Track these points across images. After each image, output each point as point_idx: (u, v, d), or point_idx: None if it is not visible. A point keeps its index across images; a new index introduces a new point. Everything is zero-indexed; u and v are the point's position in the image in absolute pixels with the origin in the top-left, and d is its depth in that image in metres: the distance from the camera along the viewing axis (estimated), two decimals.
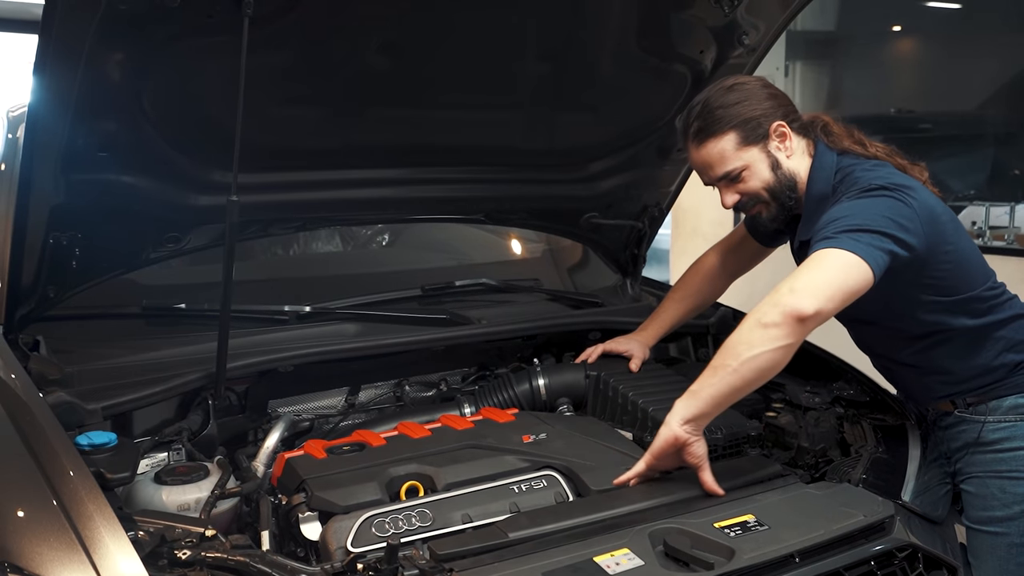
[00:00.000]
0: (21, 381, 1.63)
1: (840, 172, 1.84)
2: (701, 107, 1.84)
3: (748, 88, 1.85)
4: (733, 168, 1.84)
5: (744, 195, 1.87)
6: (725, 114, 1.82)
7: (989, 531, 1.87)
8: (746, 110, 1.82)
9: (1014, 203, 4.17)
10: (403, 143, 2.21)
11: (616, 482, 1.68)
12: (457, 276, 2.57)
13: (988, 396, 1.88)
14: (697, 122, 1.84)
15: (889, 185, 1.74)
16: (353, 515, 1.52)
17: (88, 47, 1.56)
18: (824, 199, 1.83)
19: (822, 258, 1.63)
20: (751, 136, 1.83)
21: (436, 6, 1.86)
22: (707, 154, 1.84)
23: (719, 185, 1.89)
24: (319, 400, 2.14)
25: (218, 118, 1.85)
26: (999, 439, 1.87)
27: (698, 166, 1.89)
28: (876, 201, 1.71)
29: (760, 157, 1.84)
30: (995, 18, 4.55)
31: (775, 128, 1.84)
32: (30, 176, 1.70)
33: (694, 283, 2.31)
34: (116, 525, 1.25)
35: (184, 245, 2.12)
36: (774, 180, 1.85)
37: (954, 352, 1.87)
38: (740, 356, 1.60)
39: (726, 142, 1.82)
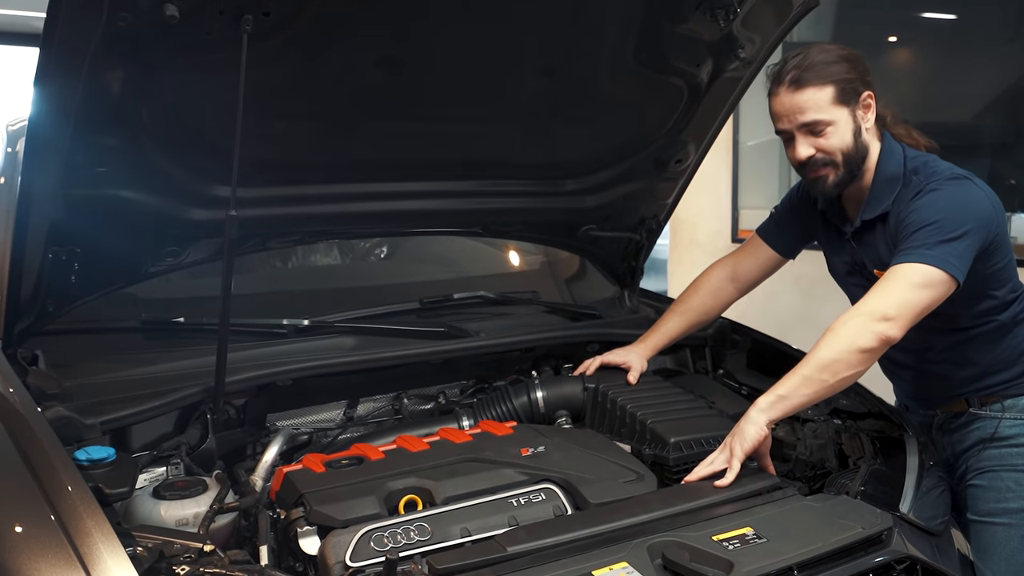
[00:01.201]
0: (20, 396, 1.63)
1: (910, 161, 1.93)
2: (803, 58, 1.88)
3: (849, 53, 1.92)
4: (822, 118, 1.87)
5: (820, 151, 1.90)
6: (827, 70, 1.87)
7: (1002, 523, 1.93)
8: (846, 71, 1.88)
9: (1010, 213, 4.18)
10: (401, 156, 2.22)
11: (699, 475, 1.75)
12: (455, 289, 2.57)
13: (1004, 394, 1.98)
14: (796, 71, 1.87)
15: (968, 176, 1.87)
16: (352, 529, 1.52)
17: (88, 62, 1.57)
18: (895, 179, 1.91)
19: (914, 276, 1.75)
20: (846, 96, 1.88)
21: (434, 21, 1.87)
22: (802, 99, 1.87)
23: (799, 134, 1.90)
24: (317, 414, 2.14)
25: (217, 133, 1.85)
26: (1015, 435, 1.95)
27: (785, 110, 1.90)
28: (965, 194, 1.83)
29: (847, 119, 1.89)
30: (991, 29, 4.58)
31: (865, 97, 1.90)
32: (29, 190, 1.70)
33: (698, 296, 2.30)
34: (114, 541, 1.25)
35: (183, 259, 2.12)
36: (852, 146, 1.90)
37: (986, 346, 1.96)
38: (839, 375, 1.74)
39: (823, 93, 1.86)
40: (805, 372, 1.75)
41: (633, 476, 1.76)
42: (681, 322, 2.29)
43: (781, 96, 1.90)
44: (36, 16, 6.62)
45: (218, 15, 1.62)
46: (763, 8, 2.11)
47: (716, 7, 2.04)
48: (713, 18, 2.06)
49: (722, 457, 1.75)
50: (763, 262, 2.24)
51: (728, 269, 2.29)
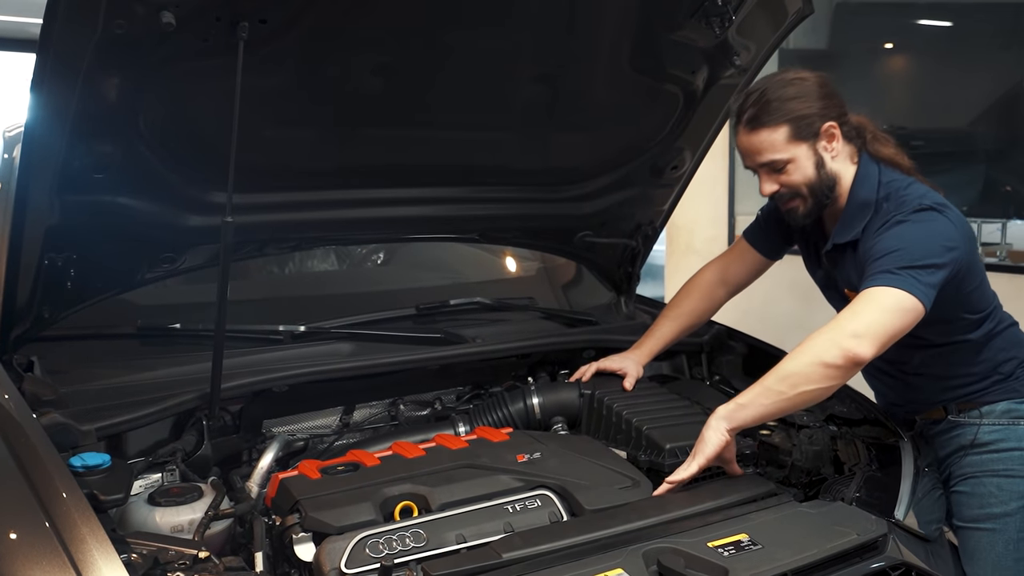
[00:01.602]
0: (15, 402, 1.63)
1: (884, 187, 1.91)
2: (759, 95, 1.88)
3: (807, 84, 1.90)
4: (779, 159, 1.89)
5: (784, 187, 1.92)
6: (781, 107, 1.86)
7: (986, 528, 1.93)
8: (802, 107, 1.87)
9: (1006, 219, 4.20)
10: (398, 163, 2.23)
11: (669, 483, 1.73)
12: (452, 295, 2.58)
13: (980, 401, 1.99)
14: (752, 109, 1.88)
15: (936, 205, 1.84)
16: (347, 536, 1.52)
17: (85, 68, 1.57)
18: (866, 205, 1.91)
19: (884, 299, 1.73)
20: (802, 132, 1.88)
21: (430, 29, 1.88)
22: (757, 141, 1.89)
23: (761, 171, 1.93)
24: (313, 420, 2.14)
25: (213, 139, 1.86)
26: (994, 440, 1.96)
27: (744, 150, 1.93)
28: (929, 226, 1.81)
29: (807, 154, 1.89)
30: (986, 36, 4.60)
31: (826, 128, 1.90)
32: (26, 196, 1.71)
33: (689, 300, 2.32)
34: (109, 548, 1.25)
35: (179, 265, 2.12)
36: (816, 178, 1.91)
37: (962, 360, 1.97)
38: (796, 387, 1.71)
39: (777, 134, 1.87)
40: (767, 383, 1.74)
41: (629, 482, 1.76)
42: (675, 326, 2.30)
43: (740, 136, 1.92)
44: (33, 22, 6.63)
45: (215, 22, 1.62)
46: (758, 16, 2.12)
47: (711, 15, 2.05)
48: (708, 25, 2.08)
49: (685, 466, 1.75)
50: (751, 264, 2.26)
51: (718, 272, 2.30)
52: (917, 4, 4.98)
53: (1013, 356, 2.00)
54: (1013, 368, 1.99)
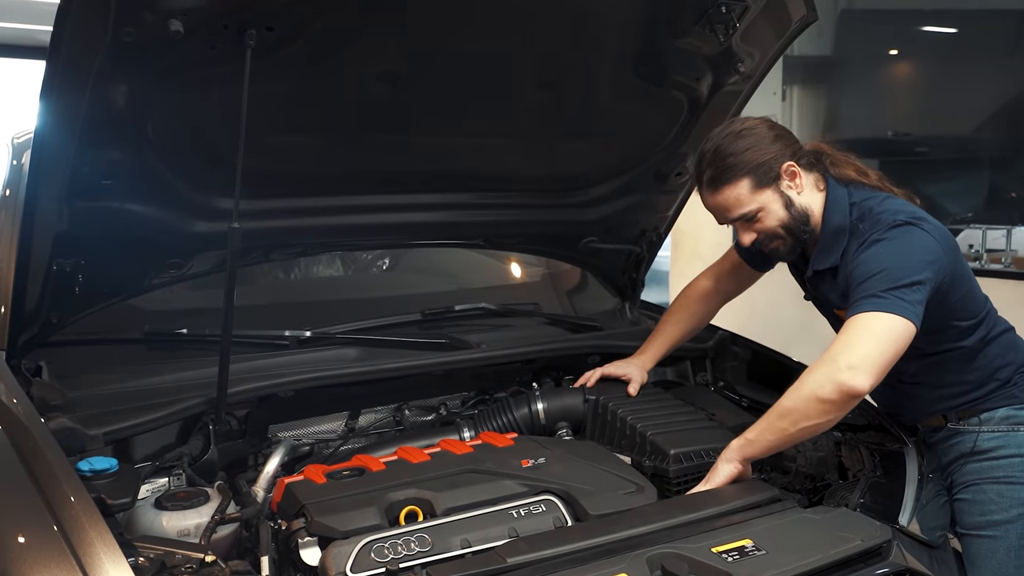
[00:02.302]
0: (23, 407, 1.65)
1: (855, 208, 1.91)
2: (712, 155, 1.89)
3: (756, 133, 1.91)
4: (749, 211, 1.90)
5: (761, 233, 1.94)
6: (737, 161, 1.87)
7: (987, 535, 1.93)
8: (757, 155, 1.88)
9: (1011, 226, 4.18)
10: (403, 169, 2.24)
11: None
12: (457, 300, 2.58)
13: (978, 408, 1.99)
14: (710, 170, 1.89)
15: (912, 219, 1.84)
16: (352, 540, 1.52)
17: (94, 76, 1.59)
18: (841, 231, 1.91)
19: (874, 326, 1.72)
20: (764, 179, 1.89)
21: (436, 36, 1.89)
22: (723, 199, 1.90)
23: (736, 225, 1.95)
24: (319, 425, 2.15)
25: (220, 146, 1.87)
26: (994, 447, 1.96)
27: (713, 210, 1.95)
28: (907, 241, 1.80)
29: (774, 198, 1.90)
30: (991, 42, 4.59)
31: (786, 168, 1.90)
32: (35, 203, 1.72)
33: (689, 306, 2.35)
34: (116, 551, 1.26)
35: (186, 271, 2.14)
36: (788, 217, 1.92)
37: (958, 367, 1.97)
38: (797, 424, 1.74)
39: (740, 188, 1.88)
40: (770, 419, 1.78)
41: (633, 488, 1.76)
42: (675, 332, 2.33)
43: (705, 198, 1.94)
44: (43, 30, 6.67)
45: (222, 30, 1.64)
46: (762, 23, 2.12)
47: (715, 22, 2.06)
48: (712, 32, 2.08)
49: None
50: (740, 274, 2.31)
51: (711, 281, 2.35)
52: (922, 11, 4.98)
53: (1010, 362, 1.99)
54: (1011, 374, 1.99)
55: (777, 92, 5.15)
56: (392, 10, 1.79)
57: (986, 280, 2.06)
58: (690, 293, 2.36)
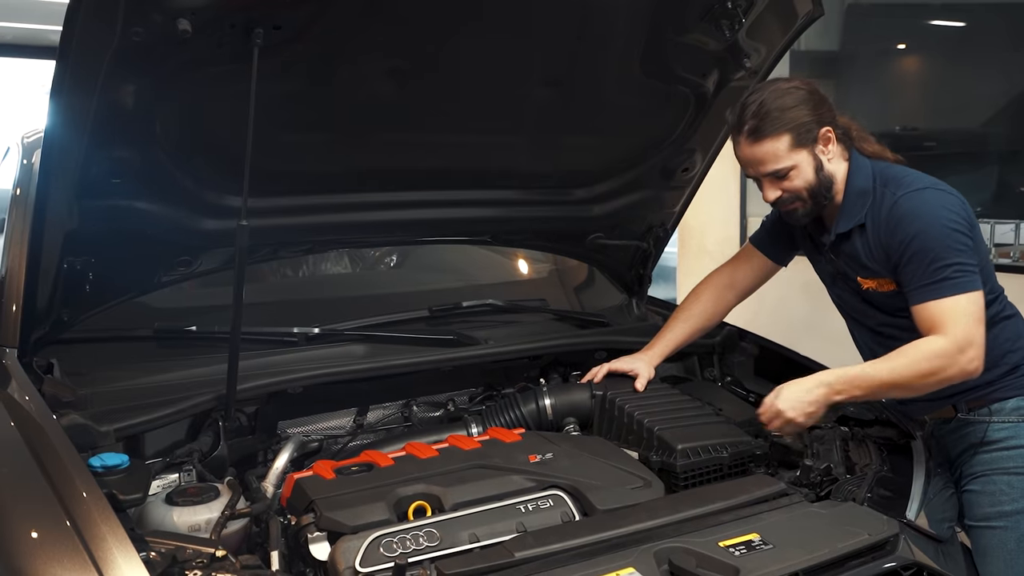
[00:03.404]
0: (35, 404, 1.66)
1: (878, 175, 1.98)
2: (758, 107, 1.92)
3: (801, 93, 1.95)
4: (783, 167, 1.94)
5: (786, 192, 1.97)
6: (782, 117, 1.91)
7: (998, 526, 1.95)
8: (800, 115, 1.92)
9: (1019, 220, 4.17)
10: (410, 166, 2.24)
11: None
12: (464, 297, 2.59)
13: (989, 399, 2.00)
14: (753, 121, 1.92)
15: (935, 183, 1.94)
16: (361, 535, 1.53)
17: (103, 75, 1.60)
18: (864, 193, 1.98)
19: (967, 308, 1.85)
20: (802, 139, 1.93)
21: (443, 33, 1.90)
22: (761, 151, 1.93)
23: (764, 180, 1.98)
24: (328, 421, 2.16)
25: (229, 144, 1.87)
26: (1004, 437, 1.99)
27: (747, 160, 1.98)
28: (940, 201, 1.90)
29: (807, 159, 1.95)
30: (999, 36, 4.57)
31: (823, 133, 1.95)
32: (45, 201, 1.73)
33: (699, 303, 2.33)
34: (128, 546, 1.27)
35: (195, 268, 2.15)
36: (816, 181, 1.96)
37: None
38: (897, 394, 1.94)
39: (780, 143, 1.92)
40: (873, 384, 1.89)
41: (640, 483, 1.77)
42: (686, 328, 2.32)
43: (742, 146, 1.96)
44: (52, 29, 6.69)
45: (230, 29, 1.64)
46: (768, 18, 2.12)
47: (721, 17, 2.06)
48: (719, 28, 2.08)
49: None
50: (758, 269, 2.30)
51: (726, 276, 2.33)
52: (929, 5, 4.96)
53: (1019, 348, 2.02)
54: (1019, 360, 2.02)
55: None
56: (399, 8, 1.80)
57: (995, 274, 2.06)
58: (702, 290, 2.35)
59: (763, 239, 2.29)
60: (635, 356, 2.27)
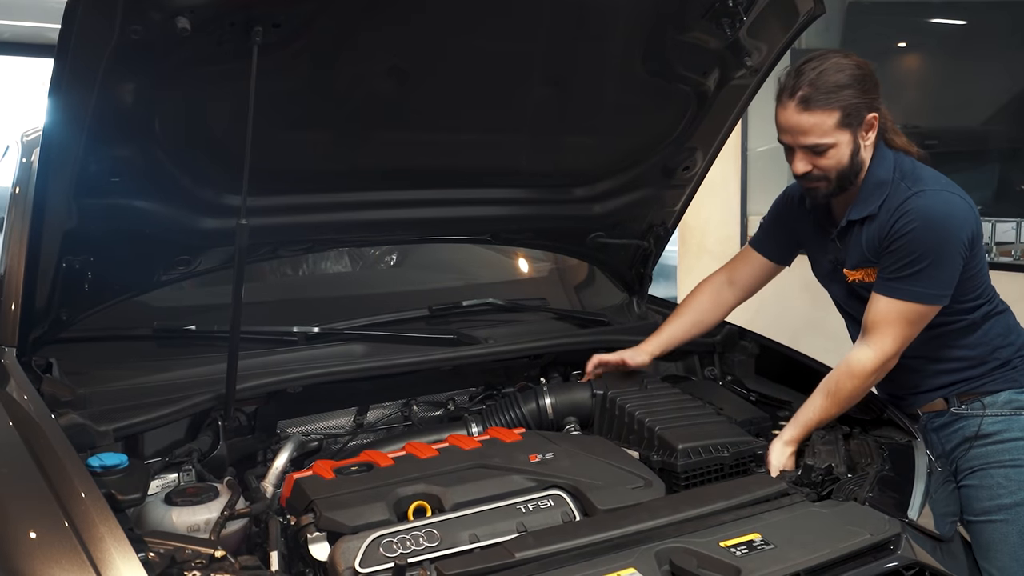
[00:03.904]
0: (34, 403, 1.66)
1: (898, 168, 1.96)
2: (816, 76, 1.86)
3: (863, 73, 1.90)
4: (823, 143, 1.89)
5: (816, 169, 1.93)
6: (839, 93, 1.86)
7: (998, 520, 1.97)
8: (855, 94, 1.88)
9: (1020, 219, 4.17)
10: (410, 165, 2.24)
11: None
12: (464, 296, 2.59)
13: (981, 391, 2.03)
14: (808, 88, 1.86)
15: (949, 186, 1.94)
16: (361, 535, 1.53)
17: (102, 73, 1.59)
18: (883, 184, 1.95)
19: (909, 317, 1.90)
20: (850, 120, 1.89)
21: (442, 32, 1.89)
22: (808, 121, 1.88)
23: (799, 151, 1.93)
24: (327, 420, 2.16)
25: (228, 142, 1.87)
26: (997, 431, 2.00)
27: (789, 127, 1.91)
28: (948, 206, 1.90)
29: (847, 141, 1.90)
30: (999, 34, 4.57)
31: (869, 119, 1.92)
32: (44, 200, 1.73)
33: (697, 303, 2.34)
34: (127, 547, 1.27)
35: (194, 267, 2.14)
36: (848, 165, 1.93)
37: (958, 341, 2.01)
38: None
39: (829, 118, 1.87)
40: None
41: (641, 482, 1.76)
42: (682, 324, 2.32)
43: (788, 111, 1.90)
44: (51, 28, 6.68)
45: (229, 27, 1.64)
46: (769, 16, 2.11)
47: (722, 15, 2.05)
48: (719, 26, 2.07)
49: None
50: (756, 269, 2.29)
51: (724, 276, 2.33)
52: (930, 3, 4.96)
53: (1010, 343, 2.04)
54: (1010, 355, 2.03)
55: None
56: (398, 7, 1.79)
57: (996, 273, 2.09)
58: (701, 290, 2.35)
59: (761, 240, 2.30)
60: (629, 350, 2.27)
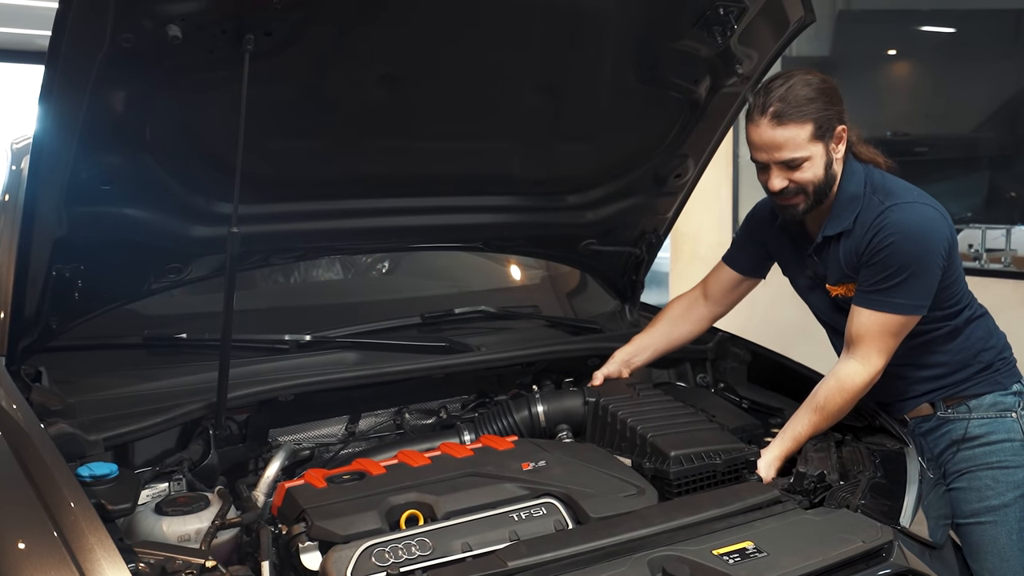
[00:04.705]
0: (23, 412, 1.65)
1: (869, 182, 1.99)
2: (785, 91, 1.89)
3: (828, 87, 1.93)
4: (798, 156, 1.90)
5: (793, 183, 1.94)
6: (809, 106, 1.89)
7: (987, 521, 2.00)
8: (825, 108, 1.91)
9: (1010, 225, 4.19)
10: (402, 173, 2.24)
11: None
12: (456, 304, 2.58)
13: (965, 395, 2.06)
14: (779, 104, 1.88)
15: (921, 197, 1.96)
16: (353, 544, 1.52)
17: (92, 81, 1.59)
18: (855, 198, 1.98)
19: (892, 328, 1.93)
20: (821, 133, 1.91)
21: (434, 40, 1.89)
22: (781, 136, 1.89)
23: (774, 167, 1.94)
24: (319, 429, 2.15)
25: (219, 150, 1.87)
26: (984, 433, 2.04)
27: (764, 144, 1.93)
28: (923, 219, 1.92)
29: (821, 153, 1.93)
30: (989, 42, 4.60)
31: (839, 131, 1.94)
32: (34, 208, 1.72)
33: (668, 317, 2.37)
34: (117, 557, 1.26)
35: (185, 275, 2.13)
36: (823, 177, 1.94)
37: (942, 347, 2.04)
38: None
39: (802, 131, 1.89)
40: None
41: (634, 490, 1.76)
42: (653, 339, 2.35)
43: (761, 128, 1.91)
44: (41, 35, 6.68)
45: (220, 35, 1.64)
46: (760, 24, 2.12)
47: (714, 24, 2.06)
48: (711, 35, 2.08)
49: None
50: (730, 283, 2.30)
51: (699, 291, 2.36)
52: (919, 11, 4.99)
53: (991, 346, 2.08)
54: (992, 358, 2.07)
55: None
56: (390, 14, 1.79)
57: (986, 280, 2.12)
58: (673, 305, 2.38)
59: (733, 255, 2.32)
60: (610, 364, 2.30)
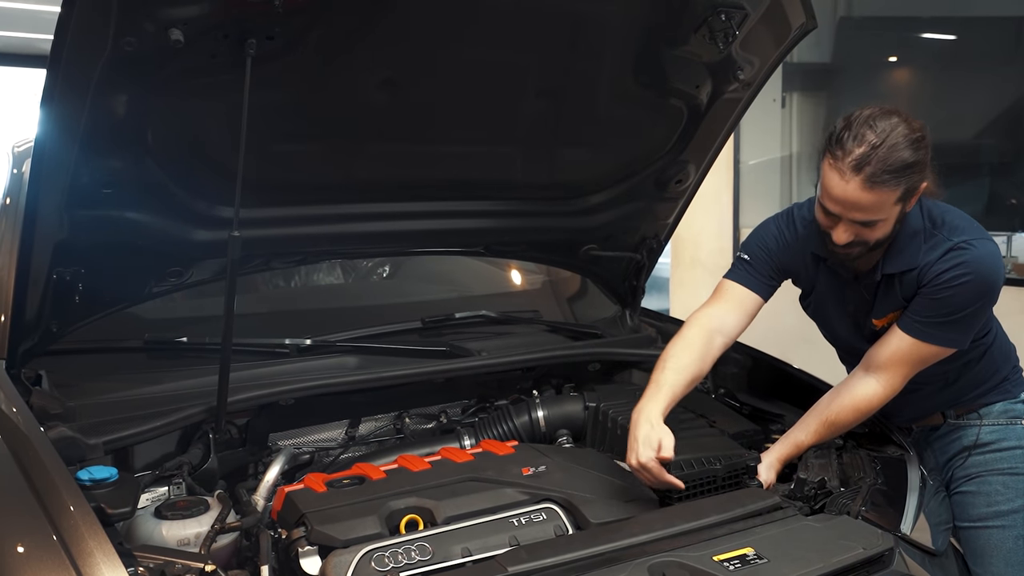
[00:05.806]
0: (23, 416, 1.64)
1: (928, 213, 1.87)
2: (887, 151, 1.69)
3: (925, 142, 1.75)
4: (877, 218, 1.75)
5: (859, 238, 1.78)
6: (904, 171, 1.70)
7: (995, 526, 1.99)
8: (919, 172, 1.74)
9: (1011, 232, 4.20)
10: (403, 177, 2.24)
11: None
12: (457, 308, 2.58)
13: (976, 404, 2.06)
14: (877, 165, 1.68)
15: (983, 233, 1.87)
16: (353, 549, 1.52)
17: (94, 85, 1.59)
18: (917, 233, 1.85)
19: (924, 358, 1.89)
20: (907, 196, 1.75)
21: (436, 44, 1.90)
22: (867, 199, 1.71)
23: (844, 222, 1.77)
24: (319, 433, 2.15)
25: (221, 154, 1.88)
26: (996, 439, 2.04)
27: (845, 200, 1.73)
28: (991, 258, 1.83)
29: (896, 212, 1.77)
30: (989, 49, 4.61)
31: (922, 188, 1.78)
32: (35, 211, 1.72)
33: (688, 354, 1.95)
34: (116, 561, 1.26)
35: (186, 279, 2.13)
36: (891, 233, 1.81)
37: (975, 366, 2.03)
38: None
39: (890, 197, 1.72)
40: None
41: (634, 495, 1.76)
42: (680, 379, 1.91)
43: (848, 183, 1.71)
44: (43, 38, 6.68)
45: (222, 39, 1.64)
46: (762, 30, 2.12)
47: (715, 30, 2.06)
48: (712, 41, 2.08)
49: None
50: (750, 309, 2.03)
51: (715, 321, 2.01)
52: (921, 18, 5.00)
53: (1008, 362, 2.09)
54: (1008, 372, 2.08)
55: (777, 99, 5.16)
56: (392, 19, 1.80)
57: None
58: (690, 334, 1.98)
59: (749, 276, 2.04)
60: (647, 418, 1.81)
